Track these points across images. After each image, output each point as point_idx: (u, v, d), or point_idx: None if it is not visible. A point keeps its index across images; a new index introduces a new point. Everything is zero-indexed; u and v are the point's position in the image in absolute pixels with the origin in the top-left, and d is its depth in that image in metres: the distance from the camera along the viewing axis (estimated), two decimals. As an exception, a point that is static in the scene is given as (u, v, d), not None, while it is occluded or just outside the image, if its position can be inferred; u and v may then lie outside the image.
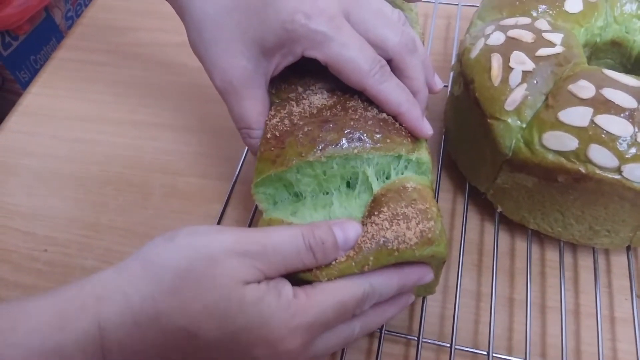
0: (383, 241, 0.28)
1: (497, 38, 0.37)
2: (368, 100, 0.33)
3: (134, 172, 0.47)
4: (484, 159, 0.38)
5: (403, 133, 0.32)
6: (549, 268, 0.40)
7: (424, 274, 0.30)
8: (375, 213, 0.29)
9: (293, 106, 0.33)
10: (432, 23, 0.56)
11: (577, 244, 0.38)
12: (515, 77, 0.35)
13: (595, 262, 0.38)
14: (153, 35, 0.58)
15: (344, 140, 0.30)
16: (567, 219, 0.36)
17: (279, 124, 0.32)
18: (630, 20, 0.40)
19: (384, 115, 0.32)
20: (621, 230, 0.36)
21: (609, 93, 0.32)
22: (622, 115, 0.32)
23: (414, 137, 0.32)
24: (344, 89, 0.33)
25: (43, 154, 0.49)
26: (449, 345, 0.35)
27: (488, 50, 0.36)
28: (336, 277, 0.27)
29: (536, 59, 0.35)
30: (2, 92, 0.67)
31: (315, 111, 0.32)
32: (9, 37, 0.64)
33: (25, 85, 0.62)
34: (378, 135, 0.31)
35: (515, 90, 0.34)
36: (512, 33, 0.36)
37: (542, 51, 0.35)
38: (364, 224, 0.29)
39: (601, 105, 0.32)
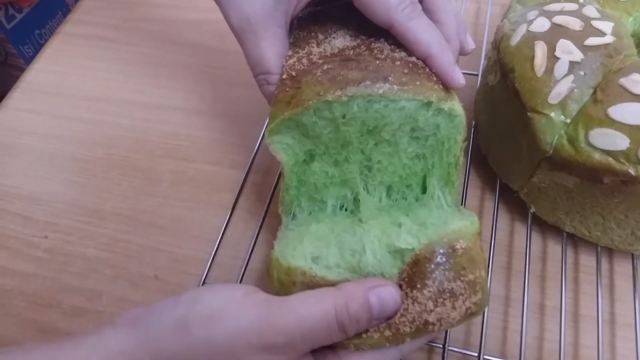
0: (424, 324, 0.25)
1: (541, 24, 0.34)
2: (396, 42, 0.30)
3: (140, 157, 0.44)
4: (519, 155, 0.35)
5: (434, 79, 0.29)
6: (583, 274, 0.37)
7: None
8: (418, 286, 0.26)
9: (313, 47, 0.30)
10: (461, 7, 0.53)
11: (615, 249, 0.36)
12: (561, 68, 0.32)
13: (634, 269, 0.36)
14: (163, 11, 0.55)
15: (367, 80, 0.27)
16: (608, 222, 0.34)
17: (297, 63, 0.29)
18: (682, 10, 0.37)
19: (414, 58, 0.29)
20: (666, 236, 0.33)
21: (666, 88, 0.29)
22: (680, 112, 0.29)
23: (446, 87, 0.29)
24: (369, 34, 0.31)
25: (45, 133, 0.46)
26: (476, 354, 0.32)
27: (531, 37, 0.33)
28: (366, 348, 0.26)
29: (584, 49, 0.32)
30: (5, 67, 0.64)
31: (336, 51, 0.30)
32: (13, 10, 0.61)
33: (29, 60, 0.59)
34: (406, 77, 0.28)
35: (561, 82, 0.31)
36: (559, 19, 0.33)
37: (591, 40, 0.32)
38: (403, 291, 0.26)
39: (657, 101, 0.29)
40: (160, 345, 0.23)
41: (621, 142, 0.30)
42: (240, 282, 0.36)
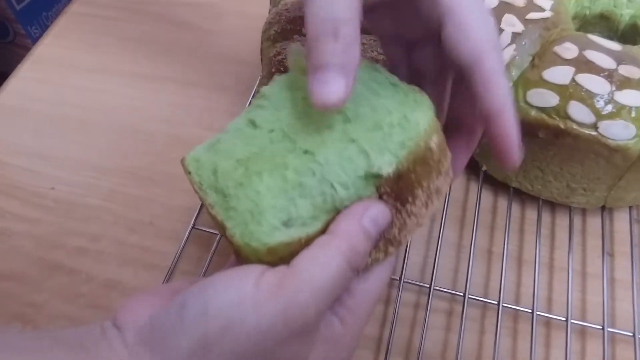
0: (418, 226, 0.26)
1: (492, 1, 0.39)
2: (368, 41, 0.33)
3: (139, 121, 0.49)
4: (472, 117, 0.40)
5: None
6: (528, 225, 0.42)
7: None
8: (410, 199, 0.24)
9: (297, 44, 0.35)
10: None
11: (555, 202, 0.41)
12: (505, 38, 0.37)
13: (571, 221, 0.41)
14: (163, -6, 0.60)
15: None
16: (547, 175, 0.39)
17: (284, 60, 0.34)
18: (618, -6, 0.42)
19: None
20: (596, 188, 0.38)
21: (591, 54, 0.34)
22: (601, 74, 0.34)
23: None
24: None
25: (52, 100, 0.51)
26: (428, 286, 0.37)
27: (481, 13, 0.38)
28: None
29: (526, 22, 0.37)
30: (13, 47, 0.69)
31: None
32: (23, -8, 0.66)
33: (36, 39, 0.64)
34: None
35: (505, 50, 0.36)
36: (505, -2, 0.38)
37: (532, 15, 0.37)
38: (393, 206, 0.24)
39: (583, 65, 0.34)
40: None
41: (552, 99, 0.35)
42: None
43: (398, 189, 0.24)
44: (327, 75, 0.22)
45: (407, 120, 0.24)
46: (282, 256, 0.23)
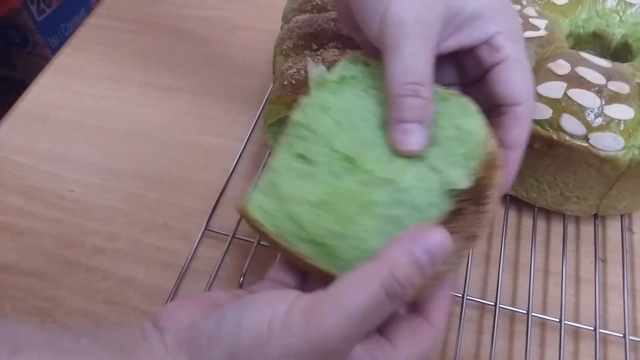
0: (493, 218, 0.26)
1: (489, 21, 0.41)
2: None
3: (154, 128, 0.52)
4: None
5: None
6: (524, 232, 0.44)
7: None
8: (485, 200, 0.25)
9: (308, 61, 0.38)
10: None
11: (550, 209, 0.43)
12: (502, 55, 0.39)
13: (565, 228, 0.43)
14: (177, 8, 0.63)
15: None
16: (541, 184, 0.41)
17: (296, 73, 0.36)
18: (610, 15, 0.44)
19: None
20: (589, 197, 0.40)
21: (582, 71, 0.37)
22: (592, 90, 0.36)
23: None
24: (354, 48, 0.37)
25: (72, 107, 0.53)
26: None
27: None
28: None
29: (522, 40, 0.39)
30: (32, 57, 0.72)
31: (327, 65, 0.37)
32: (44, 4, 0.69)
33: (55, 50, 0.67)
34: None
35: (502, 65, 0.39)
36: (503, 17, 0.41)
37: (528, 33, 0.39)
38: (475, 211, 0.25)
39: (574, 80, 0.36)
40: None
41: (546, 112, 0.37)
42: (235, 231, 0.43)
43: (474, 194, 0.25)
44: (411, 127, 0.26)
45: (462, 131, 0.26)
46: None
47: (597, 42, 0.46)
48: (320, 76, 0.28)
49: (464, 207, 0.25)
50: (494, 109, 0.29)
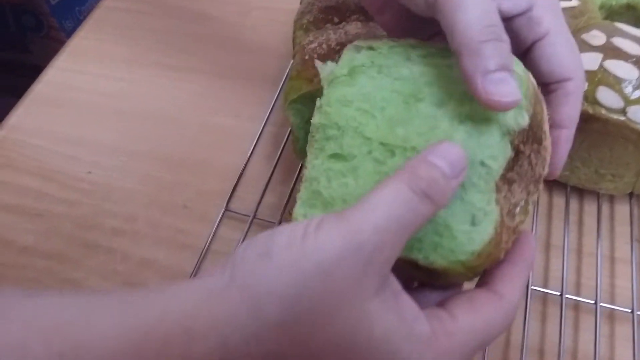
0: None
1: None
2: None
3: (171, 109, 0.51)
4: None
5: None
6: (555, 212, 0.42)
7: None
8: (543, 136, 0.25)
9: (330, 34, 0.36)
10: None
11: (583, 188, 0.41)
12: (533, 25, 0.37)
13: (599, 207, 0.41)
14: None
15: None
16: (575, 162, 0.39)
17: (318, 47, 0.35)
18: (645, -15, 0.42)
19: None
20: (625, 174, 0.39)
21: (618, 41, 0.35)
22: (629, 60, 0.34)
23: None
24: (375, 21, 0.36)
25: (88, 89, 0.53)
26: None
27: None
28: None
29: (554, 10, 0.38)
30: (47, 40, 0.71)
31: (350, 37, 0.36)
32: (58, -12, 0.68)
33: (69, 33, 0.66)
34: None
35: (533, 37, 0.37)
36: (534, -14, 0.39)
37: (560, 4, 0.38)
38: (537, 151, 0.25)
39: (610, 51, 0.35)
40: (246, 281, 0.21)
41: (581, 85, 0.35)
42: (256, 212, 0.42)
43: (532, 133, 0.25)
44: (502, 75, 0.23)
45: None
46: (490, 253, 0.23)
47: (630, 13, 0.44)
48: (330, 73, 0.27)
49: (523, 150, 0.24)
50: (540, 87, 0.28)
